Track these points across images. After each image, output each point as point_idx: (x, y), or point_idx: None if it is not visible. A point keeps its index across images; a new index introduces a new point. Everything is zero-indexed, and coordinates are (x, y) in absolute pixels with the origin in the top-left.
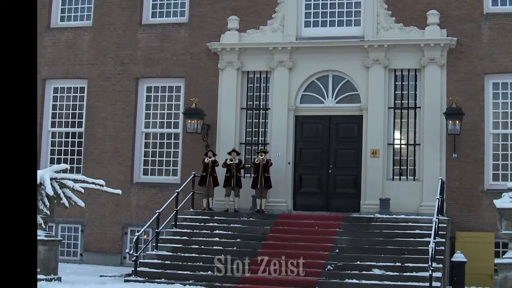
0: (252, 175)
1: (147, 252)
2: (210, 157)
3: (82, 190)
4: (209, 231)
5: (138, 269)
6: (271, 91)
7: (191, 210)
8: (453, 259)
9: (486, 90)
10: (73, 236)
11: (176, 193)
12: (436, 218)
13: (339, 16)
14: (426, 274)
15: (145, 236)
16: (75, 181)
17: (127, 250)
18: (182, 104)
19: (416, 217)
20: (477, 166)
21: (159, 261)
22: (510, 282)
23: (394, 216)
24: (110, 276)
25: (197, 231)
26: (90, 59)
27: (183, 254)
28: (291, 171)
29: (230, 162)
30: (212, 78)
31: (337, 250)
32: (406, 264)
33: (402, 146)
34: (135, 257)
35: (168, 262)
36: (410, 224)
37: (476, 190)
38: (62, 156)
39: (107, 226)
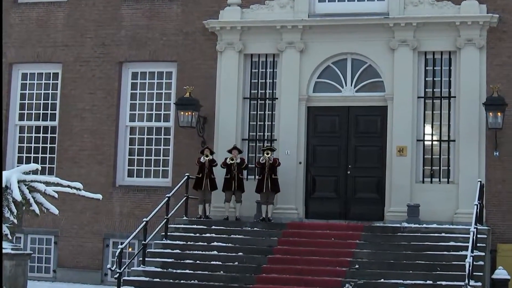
0: (257, 177)
1: (132, 268)
2: (207, 156)
3: (56, 195)
4: (205, 243)
5: None
6: (279, 78)
7: (185, 218)
8: (494, 276)
9: None
10: (45, 249)
11: (166, 198)
12: (474, 227)
13: None
14: None
15: (130, 249)
16: (48, 184)
17: (108, 266)
18: (174, 93)
19: (451, 226)
20: None
21: (147, 279)
22: None
23: (424, 225)
24: None
25: (192, 243)
26: (65, 40)
27: (174, 271)
28: (303, 172)
29: (231, 161)
30: (209, 62)
31: (357, 266)
32: (438, 282)
33: (434, 142)
34: (118, 274)
35: (157, 279)
36: (443, 235)
37: None
38: (32, 155)
39: (85, 237)
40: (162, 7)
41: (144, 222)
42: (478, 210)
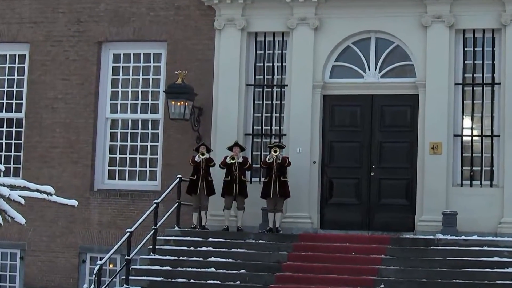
0: (263, 179)
1: None
2: (202, 154)
3: (22, 201)
4: (201, 259)
5: None
6: (289, 61)
7: (176, 228)
8: None
9: None
10: (9, 265)
11: (154, 205)
12: None
13: None
14: None
15: (111, 266)
16: (12, 187)
17: (85, 286)
18: (164, 79)
19: (494, 238)
20: None
21: None
22: None
23: (463, 237)
24: None
25: (185, 258)
26: (33, 16)
27: None
28: (318, 173)
29: (232, 161)
30: (206, 42)
31: (382, 286)
32: None
33: (475, 138)
34: None
35: None
36: (485, 248)
37: None
38: None
39: (57, 252)
40: None
41: (128, 234)
42: None
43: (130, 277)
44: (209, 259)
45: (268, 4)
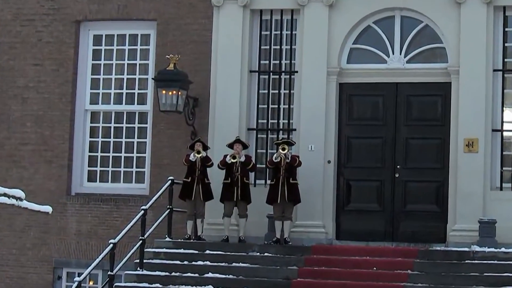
0: (269, 181)
1: None
2: (198, 153)
3: None
4: (197, 275)
5: None
6: (300, 43)
7: (167, 239)
8: None
9: None
10: None
11: (142, 212)
12: None
13: None
14: None
15: (91, 283)
16: None
17: None
18: (152, 65)
19: None
20: None
21: None
22: None
23: (503, 249)
24: None
25: (178, 274)
26: None
27: None
28: (333, 175)
29: (232, 160)
30: (202, 21)
31: None
32: None
33: None
34: None
35: None
36: None
37: None
38: None
39: (28, 266)
40: None
41: (111, 245)
42: None
43: None
44: (206, 275)
45: None
